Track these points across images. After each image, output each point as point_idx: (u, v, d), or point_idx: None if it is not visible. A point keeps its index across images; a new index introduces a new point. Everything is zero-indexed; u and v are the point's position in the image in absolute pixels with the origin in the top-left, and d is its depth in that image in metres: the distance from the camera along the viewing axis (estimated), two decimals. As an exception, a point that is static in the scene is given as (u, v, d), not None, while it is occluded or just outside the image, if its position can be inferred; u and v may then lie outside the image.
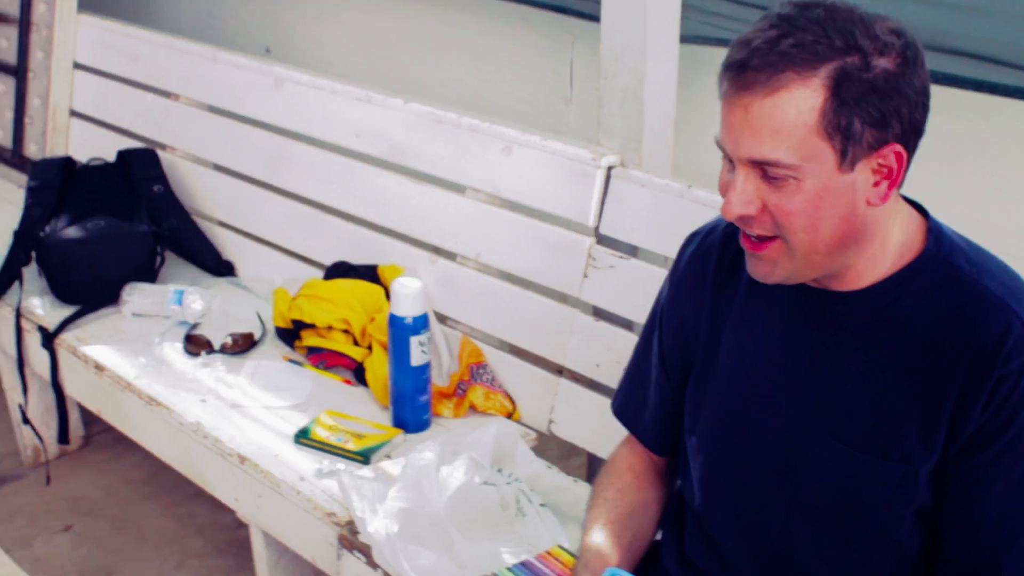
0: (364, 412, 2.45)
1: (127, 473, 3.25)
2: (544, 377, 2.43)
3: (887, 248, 1.45)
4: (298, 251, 2.95)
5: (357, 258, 2.77)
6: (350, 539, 2.07)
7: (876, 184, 1.38)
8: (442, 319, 2.62)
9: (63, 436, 2.99)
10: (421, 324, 2.31)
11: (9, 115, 3.80)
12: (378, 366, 2.48)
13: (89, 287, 2.91)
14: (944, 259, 1.44)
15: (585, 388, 2.36)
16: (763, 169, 1.37)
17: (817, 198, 1.36)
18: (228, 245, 3.13)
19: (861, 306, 1.47)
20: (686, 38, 2.28)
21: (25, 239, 2.96)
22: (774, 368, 1.55)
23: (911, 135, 1.37)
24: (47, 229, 2.96)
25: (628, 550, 1.69)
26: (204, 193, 3.20)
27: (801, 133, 1.33)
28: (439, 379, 2.50)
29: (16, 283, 2.96)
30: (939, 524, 1.46)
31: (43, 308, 2.92)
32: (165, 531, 3.00)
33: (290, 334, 2.70)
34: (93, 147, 3.41)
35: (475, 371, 2.51)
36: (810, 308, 1.51)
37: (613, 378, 2.16)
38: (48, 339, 2.82)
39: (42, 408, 3.06)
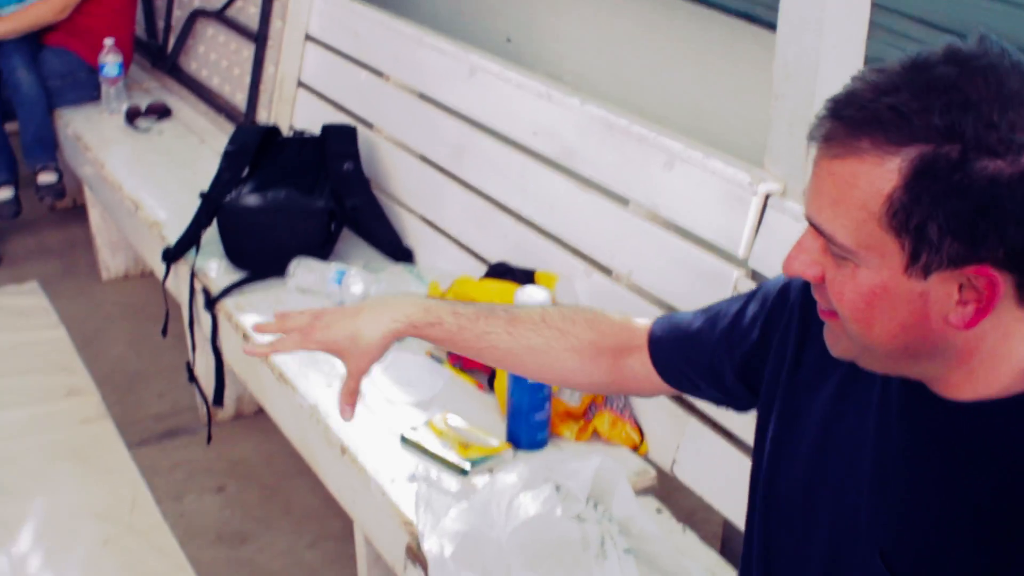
0: (486, 422, 2.32)
1: (290, 445, 3.24)
2: (675, 413, 2.23)
3: (1001, 368, 1.13)
4: (470, 246, 2.85)
5: (520, 260, 2.64)
6: (415, 551, 1.95)
7: (961, 303, 1.09)
8: (589, 336, 2.45)
9: (218, 398, 2.99)
10: (543, 337, 2.16)
11: (247, 81, 3.88)
12: (505, 376, 2.35)
13: (260, 256, 2.90)
14: None
15: (714, 432, 2.15)
16: (824, 238, 1.14)
17: (872, 295, 1.11)
18: (410, 231, 3.07)
19: (960, 420, 1.16)
20: (871, 61, 2.03)
21: (209, 202, 2.98)
22: (849, 462, 1.27)
23: (1020, 262, 1.06)
24: (232, 194, 2.97)
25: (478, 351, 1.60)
26: (394, 176, 3.15)
27: (862, 216, 1.08)
28: (570, 399, 2.34)
29: (196, 244, 2.99)
30: None
31: (216, 272, 2.94)
32: (309, 508, 2.97)
33: (437, 329, 2.59)
34: (313, 119, 3.43)
35: (609, 396, 2.34)
36: (908, 404, 1.22)
37: (746, 430, 1.96)
38: (210, 302, 2.83)
39: (208, 369, 3.08)
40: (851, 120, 1.08)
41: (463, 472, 2.14)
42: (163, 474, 3.13)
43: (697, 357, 1.52)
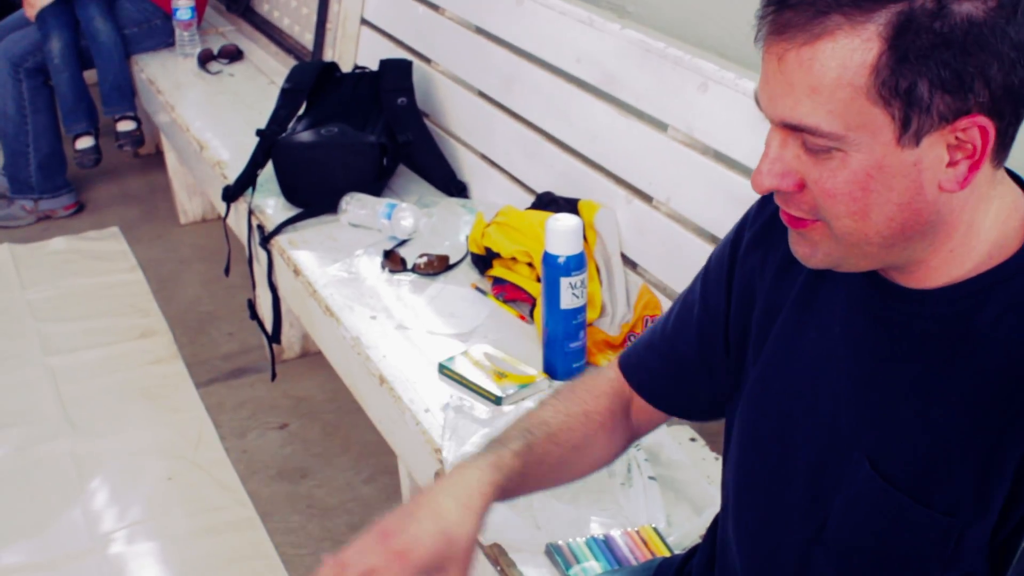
0: (526, 352, 2.30)
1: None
2: (714, 340, 2.19)
3: (973, 243, 1.10)
4: (519, 177, 2.83)
5: (565, 190, 2.61)
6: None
7: (952, 164, 1.05)
8: (631, 265, 2.43)
9: (276, 335, 3.03)
10: (574, 265, 2.13)
11: (314, 19, 3.88)
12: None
13: (314, 192, 2.91)
14: None
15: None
16: (802, 137, 1.08)
17: (867, 178, 1.05)
18: (464, 165, 3.06)
19: (930, 309, 1.13)
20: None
21: (265, 139, 3.00)
22: (820, 373, 1.23)
23: (1005, 104, 1.04)
24: (287, 131, 2.99)
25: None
26: (448, 110, 3.13)
27: (846, 95, 1.03)
28: (610, 328, 2.32)
29: (253, 182, 3.02)
30: None
31: (273, 209, 2.96)
32: (367, 444, 2.98)
33: (483, 261, 2.59)
34: (375, 56, 3.42)
35: (648, 324, 2.30)
36: (875, 303, 1.18)
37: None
38: (265, 239, 2.86)
39: (268, 307, 3.12)
40: (807, 4, 1.03)
41: (497, 400, 2.13)
42: (228, 412, 3.18)
43: (691, 375, 1.42)
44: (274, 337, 3.03)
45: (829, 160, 1.06)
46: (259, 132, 3.03)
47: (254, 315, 3.14)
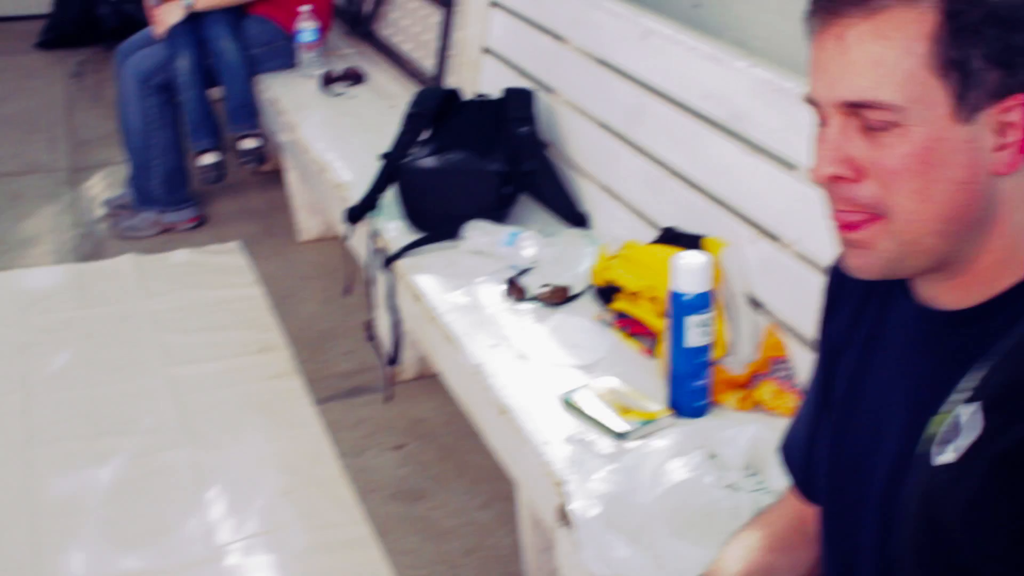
0: (649, 387, 2.31)
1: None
2: (839, 384, 2.18)
3: (1015, 247, 1.12)
4: (642, 211, 2.84)
5: (689, 226, 2.62)
6: (564, 513, 1.97)
7: (1000, 148, 1.09)
8: (756, 304, 2.42)
9: (395, 358, 3.07)
10: (700, 304, 2.14)
11: (436, 46, 3.94)
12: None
13: (436, 218, 2.96)
14: None
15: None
16: (862, 117, 1.10)
17: (927, 151, 1.08)
18: (585, 196, 3.08)
19: (965, 328, 1.14)
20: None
21: (389, 163, 3.05)
22: (883, 414, 1.24)
23: None
24: (411, 156, 3.04)
25: None
26: (571, 140, 3.16)
27: (906, 65, 1.07)
28: (735, 367, 2.32)
29: (375, 205, 3.08)
30: None
31: (394, 232, 3.01)
32: (483, 469, 3.00)
33: (605, 294, 2.61)
34: (497, 84, 3.46)
35: (773, 365, 2.31)
36: (924, 330, 1.19)
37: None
38: (387, 262, 2.90)
39: (387, 329, 3.17)
40: None
41: (620, 436, 2.15)
42: (345, 430, 3.22)
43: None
44: (392, 359, 3.07)
45: (888, 137, 1.09)
46: (384, 156, 3.08)
47: (371, 336, 3.19)
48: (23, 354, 3.62)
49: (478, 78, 3.72)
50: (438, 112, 3.18)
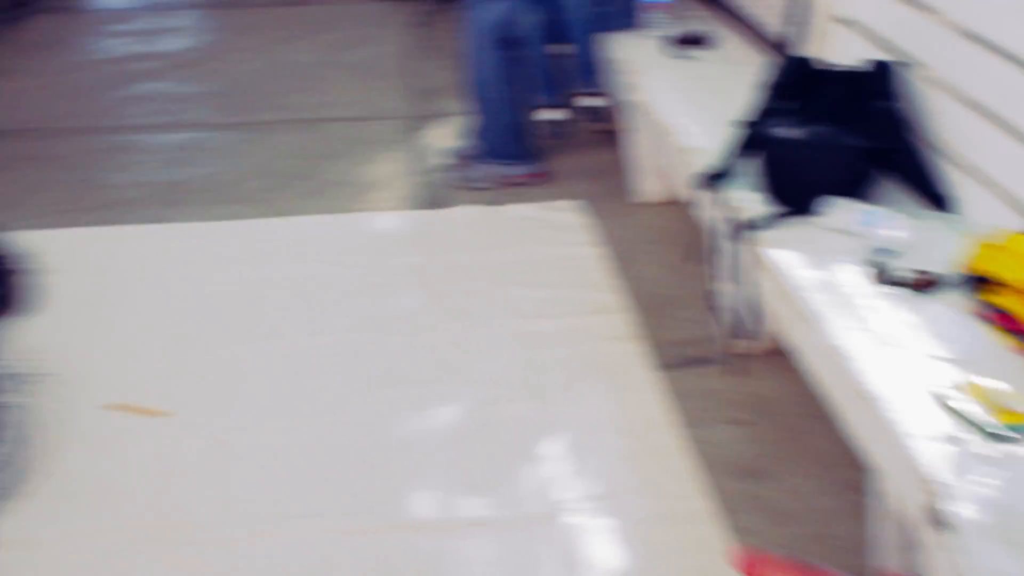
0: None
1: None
2: None
3: None
4: (1019, 198, 2.68)
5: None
6: (936, 513, 1.89)
7: None
8: None
9: (739, 331, 3.03)
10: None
11: (787, 12, 3.83)
12: (1048, 339, 2.21)
13: (796, 191, 2.88)
14: None
15: None
16: None
17: None
18: (951, 179, 2.93)
19: None
20: None
21: (745, 132, 3.01)
22: None
23: None
24: (770, 125, 2.98)
25: None
26: (937, 120, 3.01)
27: None
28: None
29: (730, 173, 3.03)
30: None
31: (745, 202, 2.96)
32: (829, 455, 2.93)
33: (976, 284, 2.48)
34: (852, 54, 3.34)
35: None
36: None
37: None
38: (738, 233, 2.86)
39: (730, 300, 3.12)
40: None
41: (1000, 439, 2.04)
42: (686, 399, 3.20)
43: None
44: (736, 332, 3.03)
45: None
46: (744, 123, 3.04)
47: (713, 306, 3.16)
48: (370, 295, 3.77)
49: (833, 47, 3.60)
50: (797, 82, 3.10)
